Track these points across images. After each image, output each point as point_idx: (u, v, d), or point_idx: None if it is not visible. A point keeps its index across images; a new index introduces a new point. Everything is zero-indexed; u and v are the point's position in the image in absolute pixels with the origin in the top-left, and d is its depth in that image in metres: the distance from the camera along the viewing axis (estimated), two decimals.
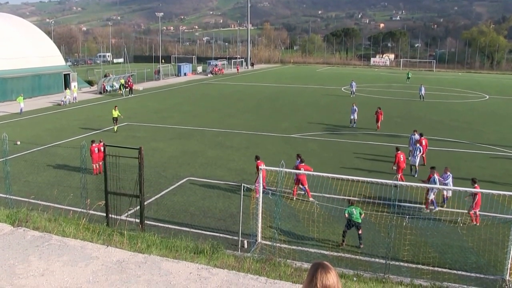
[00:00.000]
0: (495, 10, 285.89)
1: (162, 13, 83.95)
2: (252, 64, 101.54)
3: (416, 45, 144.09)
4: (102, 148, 19.23)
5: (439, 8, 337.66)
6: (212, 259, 11.18)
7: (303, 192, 19.23)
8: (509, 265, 13.24)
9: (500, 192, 14.44)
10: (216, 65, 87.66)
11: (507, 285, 13.07)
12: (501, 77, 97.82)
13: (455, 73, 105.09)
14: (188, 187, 20.57)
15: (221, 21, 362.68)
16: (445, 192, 18.43)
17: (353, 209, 15.08)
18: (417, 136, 25.17)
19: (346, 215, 15.12)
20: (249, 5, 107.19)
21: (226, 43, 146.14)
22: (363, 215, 15.20)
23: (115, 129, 32.26)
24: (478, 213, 16.62)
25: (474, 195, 16.44)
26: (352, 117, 35.71)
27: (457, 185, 17.99)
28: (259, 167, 16.52)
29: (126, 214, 14.78)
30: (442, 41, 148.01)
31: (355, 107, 35.71)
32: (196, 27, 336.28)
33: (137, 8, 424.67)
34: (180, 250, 11.35)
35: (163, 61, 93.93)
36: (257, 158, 19.50)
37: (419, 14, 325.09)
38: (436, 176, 17.96)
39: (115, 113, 32.10)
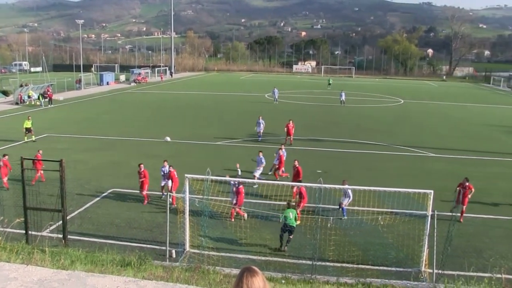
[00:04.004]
0: (407, 21, 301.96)
1: (83, 20, 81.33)
2: (171, 74, 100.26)
3: (336, 53, 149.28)
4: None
5: (357, 18, 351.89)
6: (139, 271, 11.03)
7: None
8: (424, 257, 14.12)
9: (415, 190, 15.36)
10: (139, 74, 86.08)
11: (422, 276, 13.93)
12: (414, 83, 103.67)
13: (373, 79, 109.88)
14: (112, 199, 20.10)
15: (144, 29, 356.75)
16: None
17: (290, 212, 15.36)
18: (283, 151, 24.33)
19: (280, 220, 15.44)
20: (172, 13, 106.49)
21: (150, 51, 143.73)
22: (298, 221, 15.58)
23: (33, 138, 30.96)
24: (464, 209, 17.98)
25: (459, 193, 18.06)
26: (258, 130, 33.38)
27: (374, 184, 18.69)
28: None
29: (48, 230, 14.23)
30: (360, 48, 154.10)
31: (261, 120, 33.50)
32: (119, 35, 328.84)
33: (56, 14, 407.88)
34: (106, 264, 11.09)
35: (92, 70, 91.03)
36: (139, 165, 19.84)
37: (338, 23, 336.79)
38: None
39: (28, 123, 30.83)
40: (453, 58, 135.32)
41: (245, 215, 17.80)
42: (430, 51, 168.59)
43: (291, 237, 15.44)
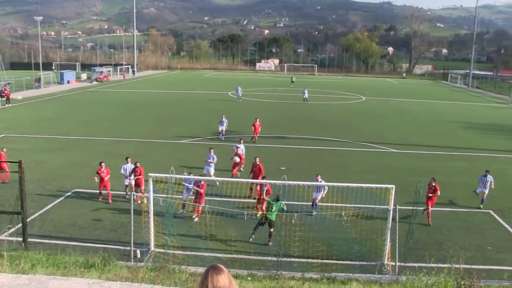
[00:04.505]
0: (368, 19, 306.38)
1: (42, 17, 78.86)
2: (133, 72, 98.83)
3: (299, 51, 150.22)
4: None
5: (319, 16, 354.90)
6: (104, 272, 10.88)
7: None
8: (387, 251, 14.43)
9: (377, 185, 15.69)
10: (101, 72, 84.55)
11: (385, 269, 14.24)
12: (375, 80, 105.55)
13: (335, 77, 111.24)
14: (75, 200, 19.70)
15: (106, 26, 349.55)
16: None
17: (273, 206, 15.45)
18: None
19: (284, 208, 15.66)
20: (134, 10, 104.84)
21: (112, 50, 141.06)
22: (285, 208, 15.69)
23: None
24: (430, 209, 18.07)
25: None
26: (220, 128, 32.95)
27: (337, 181, 18.94)
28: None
29: (6, 233, 13.86)
30: (322, 46, 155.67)
31: (224, 119, 33.13)
32: (80, 32, 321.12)
33: (13, 10, 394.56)
34: (69, 266, 10.90)
35: (53, 68, 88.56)
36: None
37: (301, 21, 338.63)
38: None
39: None
40: (412, 56, 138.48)
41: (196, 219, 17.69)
42: (390, 49, 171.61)
43: (271, 230, 15.59)
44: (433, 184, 18.14)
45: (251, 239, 15.77)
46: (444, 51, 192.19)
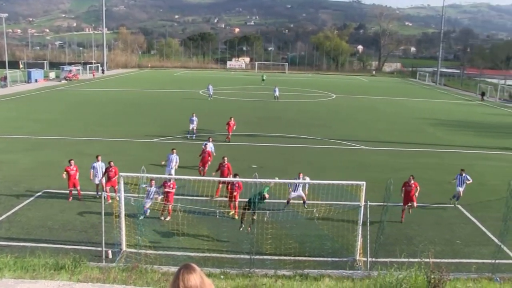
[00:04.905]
0: (338, 18, 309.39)
1: (7, 14, 76.80)
2: (103, 71, 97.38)
3: (269, 49, 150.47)
4: None
5: (289, 14, 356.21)
6: (74, 273, 10.74)
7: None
8: (359, 247, 14.61)
9: (348, 182, 15.86)
10: (70, 71, 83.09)
11: (357, 264, 14.42)
12: (345, 78, 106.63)
13: (306, 75, 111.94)
14: (44, 201, 19.28)
15: (75, 24, 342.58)
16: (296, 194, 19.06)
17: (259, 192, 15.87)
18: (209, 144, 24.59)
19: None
20: (104, 8, 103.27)
21: (81, 48, 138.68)
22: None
23: None
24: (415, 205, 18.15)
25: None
26: (191, 127, 32.83)
27: (315, 178, 19.04)
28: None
29: None
30: (293, 45, 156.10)
31: (194, 117, 32.90)
32: (47, 30, 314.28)
33: None
34: (38, 268, 10.70)
35: (21, 67, 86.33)
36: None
37: (271, 19, 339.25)
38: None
39: None
40: (381, 54, 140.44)
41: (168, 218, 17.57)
42: (360, 47, 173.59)
43: (254, 217, 15.68)
44: (412, 181, 18.11)
45: (241, 229, 16.08)
46: (413, 49, 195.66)
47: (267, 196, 15.91)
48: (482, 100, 66.94)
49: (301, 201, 18.64)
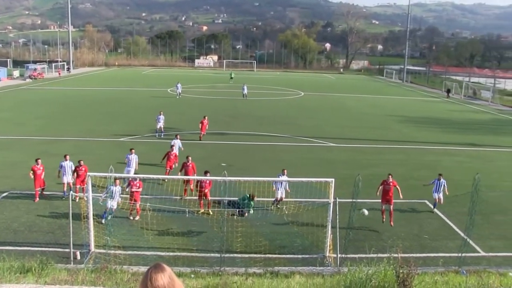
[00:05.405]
0: (305, 16, 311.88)
1: None
2: (69, 69, 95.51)
3: (237, 47, 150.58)
4: None
5: (257, 12, 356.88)
6: (41, 276, 10.47)
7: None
8: (328, 243, 14.69)
9: (317, 179, 15.91)
10: (35, 69, 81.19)
11: (327, 261, 14.50)
12: (313, 75, 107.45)
13: (274, 73, 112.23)
14: (9, 202, 18.71)
15: (39, 22, 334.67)
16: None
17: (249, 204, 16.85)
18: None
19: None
20: (69, 5, 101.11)
21: (46, 46, 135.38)
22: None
23: None
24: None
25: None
26: (158, 126, 32.50)
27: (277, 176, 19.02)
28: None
29: None
30: (261, 43, 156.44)
31: (161, 115, 32.71)
32: (10, 27, 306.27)
33: None
34: (2, 272, 10.38)
35: None
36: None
37: (239, 17, 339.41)
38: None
39: None
40: (349, 52, 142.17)
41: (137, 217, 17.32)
42: (327, 45, 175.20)
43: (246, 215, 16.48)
44: (391, 180, 17.82)
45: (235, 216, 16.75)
46: (380, 47, 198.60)
47: (255, 195, 15.99)
48: (448, 97, 68.38)
49: (267, 198, 18.61)
